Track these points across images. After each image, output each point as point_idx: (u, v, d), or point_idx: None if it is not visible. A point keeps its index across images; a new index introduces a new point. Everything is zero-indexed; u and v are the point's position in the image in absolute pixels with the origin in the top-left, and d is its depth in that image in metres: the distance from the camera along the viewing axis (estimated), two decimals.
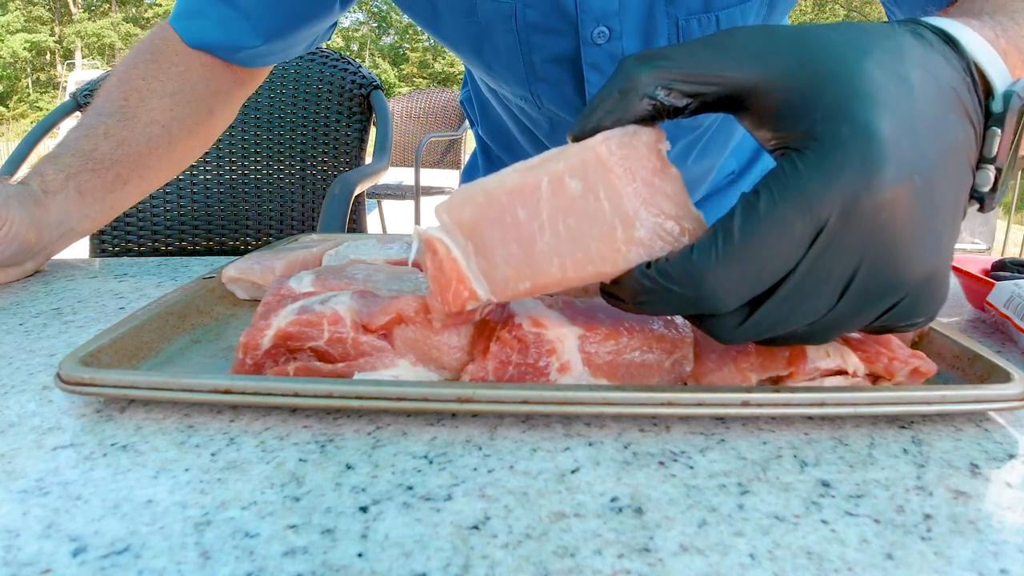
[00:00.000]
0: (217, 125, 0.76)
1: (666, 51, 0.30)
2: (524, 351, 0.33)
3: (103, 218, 0.66)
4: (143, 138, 0.66)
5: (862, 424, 0.33)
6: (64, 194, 0.61)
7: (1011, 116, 0.30)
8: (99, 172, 0.63)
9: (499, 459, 0.30)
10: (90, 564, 0.23)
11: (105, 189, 0.64)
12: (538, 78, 0.65)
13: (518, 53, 0.63)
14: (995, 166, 0.30)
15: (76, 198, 0.62)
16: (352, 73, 1.20)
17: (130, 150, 0.65)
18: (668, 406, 0.31)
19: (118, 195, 0.66)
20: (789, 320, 0.29)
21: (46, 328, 0.47)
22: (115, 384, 0.33)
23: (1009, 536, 0.25)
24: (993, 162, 0.30)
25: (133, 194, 0.68)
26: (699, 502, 0.27)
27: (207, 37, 0.70)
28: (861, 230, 0.27)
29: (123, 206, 0.68)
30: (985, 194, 0.31)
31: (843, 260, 0.27)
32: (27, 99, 23.16)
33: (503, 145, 0.85)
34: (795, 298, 0.28)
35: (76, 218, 0.62)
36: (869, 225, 0.27)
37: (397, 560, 0.24)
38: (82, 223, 0.64)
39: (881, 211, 0.27)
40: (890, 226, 0.27)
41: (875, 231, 0.27)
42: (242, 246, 1.19)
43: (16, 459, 0.30)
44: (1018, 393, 0.32)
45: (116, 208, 0.67)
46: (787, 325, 0.29)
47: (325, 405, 0.32)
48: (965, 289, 0.52)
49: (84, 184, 0.62)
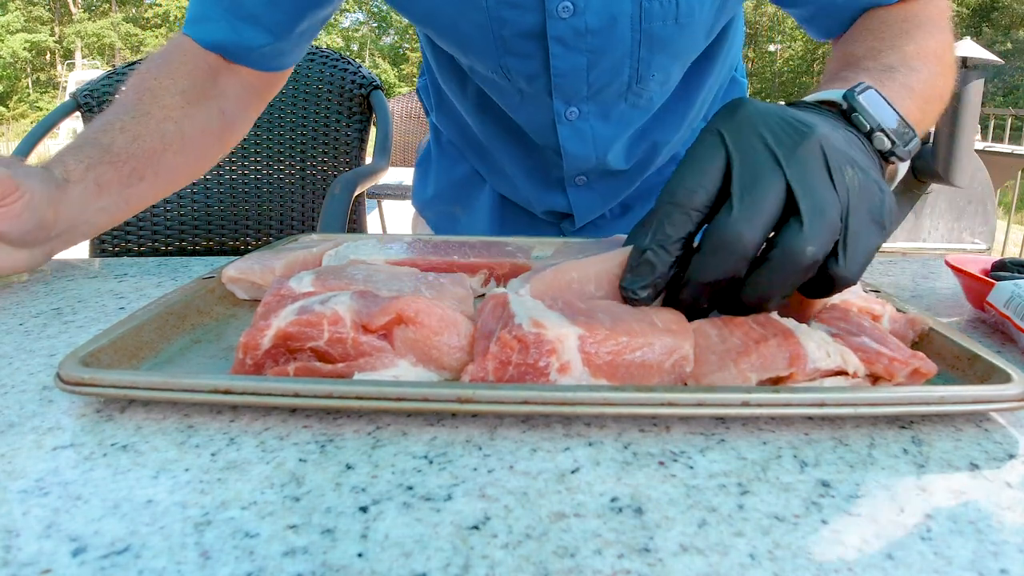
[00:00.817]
0: (231, 128, 0.77)
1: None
2: (524, 351, 0.33)
3: (118, 214, 0.67)
4: (157, 134, 0.68)
5: (862, 424, 0.33)
6: (83, 184, 0.61)
7: (856, 101, 0.43)
8: (116, 165, 0.64)
9: (499, 459, 0.30)
10: (90, 564, 0.23)
11: (121, 183, 0.65)
12: (508, 52, 0.67)
13: (488, 29, 0.65)
14: (878, 130, 0.42)
15: (94, 189, 0.62)
16: (352, 73, 1.20)
17: (145, 145, 0.66)
18: (668, 406, 0.31)
19: (133, 191, 0.66)
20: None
21: (46, 328, 0.47)
22: (115, 384, 0.33)
23: (1009, 536, 0.25)
24: (875, 130, 0.42)
25: (148, 192, 0.68)
26: (699, 502, 0.27)
27: (215, 37, 0.72)
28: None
29: (137, 204, 0.68)
30: (888, 151, 0.42)
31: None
32: (27, 99, 23.17)
33: (458, 132, 0.87)
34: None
35: (92, 210, 0.63)
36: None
37: (397, 560, 0.24)
38: (97, 216, 0.64)
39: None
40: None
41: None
42: (242, 246, 1.19)
43: (16, 459, 0.30)
44: (1018, 393, 0.32)
45: (131, 205, 0.67)
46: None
47: (325, 405, 0.32)
48: (965, 289, 0.52)
49: (102, 176, 0.63)
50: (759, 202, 0.35)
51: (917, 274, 0.65)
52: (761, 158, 0.36)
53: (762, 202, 0.35)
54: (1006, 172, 3.63)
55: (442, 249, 0.55)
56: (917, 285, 0.61)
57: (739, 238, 0.35)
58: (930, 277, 0.64)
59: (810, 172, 0.36)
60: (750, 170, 0.36)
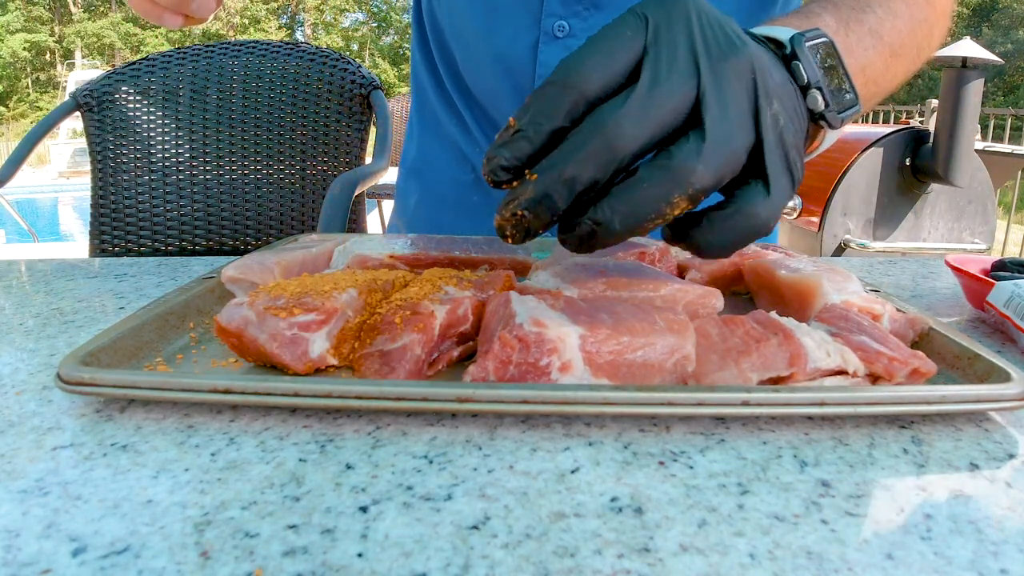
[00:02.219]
0: None
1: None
2: (525, 350, 0.33)
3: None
4: None
5: (862, 424, 0.33)
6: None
7: (802, 49, 0.37)
8: None
9: (499, 459, 0.30)
10: (90, 564, 0.23)
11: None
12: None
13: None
14: (815, 87, 0.36)
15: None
16: (352, 73, 1.20)
17: None
18: (668, 406, 0.31)
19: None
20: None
21: (46, 328, 0.47)
22: (115, 384, 0.33)
23: (1009, 536, 0.25)
24: (811, 86, 0.36)
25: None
26: (699, 502, 0.27)
27: None
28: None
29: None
30: (819, 114, 0.37)
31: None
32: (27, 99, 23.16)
33: (436, 101, 0.83)
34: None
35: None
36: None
37: (397, 560, 0.24)
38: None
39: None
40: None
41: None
42: (242, 246, 1.18)
43: (16, 459, 0.30)
44: (1018, 393, 0.32)
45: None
46: None
47: (325, 405, 0.32)
48: (965, 289, 0.52)
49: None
50: (658, 101, 0.30)
51: (917, 274, 0.65)
52: (681, 56, 0.31)
53: (662, 102, 0.30)
54: (1006, 172, 3.63)
55: (444, 245, 0.55)
56: (917, 285, 0.61)
57: (619, 133, 0.30)
58: (930, 277, 0.64)
59: (729, 90, 0.31)
60: (663, 65, 0.31)
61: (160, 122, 1.16)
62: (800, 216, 3.02)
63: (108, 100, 1.15)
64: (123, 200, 1.15)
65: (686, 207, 0.31)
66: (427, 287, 0.41)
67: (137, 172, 1.15)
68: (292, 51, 1.22)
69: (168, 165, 1.16)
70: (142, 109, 1.16)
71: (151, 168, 1.16)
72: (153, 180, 1.16)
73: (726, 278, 0.52)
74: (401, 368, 0.35)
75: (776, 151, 0.32)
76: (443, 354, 0.38)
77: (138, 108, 1.16)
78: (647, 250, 0.52)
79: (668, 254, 0.54)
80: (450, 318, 0.38)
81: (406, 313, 0.37)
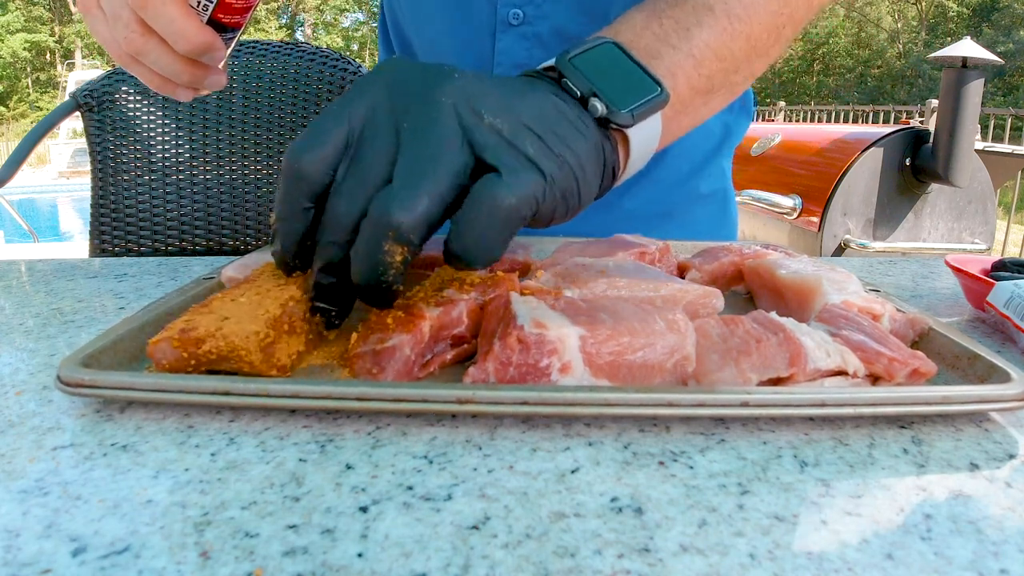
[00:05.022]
0: None
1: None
2: (526, 351, 0.33)
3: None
4: None
5: (862, 424, 0.33)
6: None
7: (565, 66, 0.39)
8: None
9: (499, 459, 0.30)
10: (90, 564, 0.23)
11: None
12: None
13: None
14: (590, 95, 0.38)
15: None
16: (352, 73, 1.20)
17: None
18: (668, 407, 0.31)
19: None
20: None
21: (46, 328, 0.47)
22: (115, 386, 0.33)
23: (1009, 536, 0.25)
24: (586, 96, 0.38)
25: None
26: (699, 502, 0.27)
27: None
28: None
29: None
30: (604, 116, 0.38)
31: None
32: (27, 99, 23.16)
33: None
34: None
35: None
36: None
37: (397, 560, 0.24)
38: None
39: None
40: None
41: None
42: (242, 246, 1.18)
43: (16, 459, 0.30)
44: (1018, 393, 0.32)
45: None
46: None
47: (325, 406, 0.32)
48: (965, 289, 0.52)
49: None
50: (363, 172, 0.34)
51: (917, 274, 0.65)
52: (380, 121, 0.35)
53: (366, 172, 0.34)
54: (1006, 172, 3.63)
55: (442, 245, 0.55)
56: (917, 285, 0.61)
57: (336, 214, 0.34)
58: (930, 277, 0.64)
59: (421, 137, 0.34)
60: (365, 142, 0.34)
61: (160, 122, 1.16)
62: (800, 216, 3.02)
63: (108, 100, 1.15)
64: (123, 200, 1.15)
65: (404, 252, 0.33)
66: (429, 289, 0.41)
67: (137, 172, 1.15)
68: (292, 51, 1.22)
69: (168, 165, 1.16)
70: (142, 109, 1.16)
71: (151, 168, 1.16)
72: (153, 180, 1.16)
73: (726, 278, 0.52)
74: (390, 368, 0.35)
75: (499, 148, 0.34)
76: (436, 356, 0.38)
77: (138, 108, 1.16)
78: (647, 250, 0.52)
79: (668, 254, 0.54)
80: (442, 320, 0.38)
81: (398, 314, 0.37)
